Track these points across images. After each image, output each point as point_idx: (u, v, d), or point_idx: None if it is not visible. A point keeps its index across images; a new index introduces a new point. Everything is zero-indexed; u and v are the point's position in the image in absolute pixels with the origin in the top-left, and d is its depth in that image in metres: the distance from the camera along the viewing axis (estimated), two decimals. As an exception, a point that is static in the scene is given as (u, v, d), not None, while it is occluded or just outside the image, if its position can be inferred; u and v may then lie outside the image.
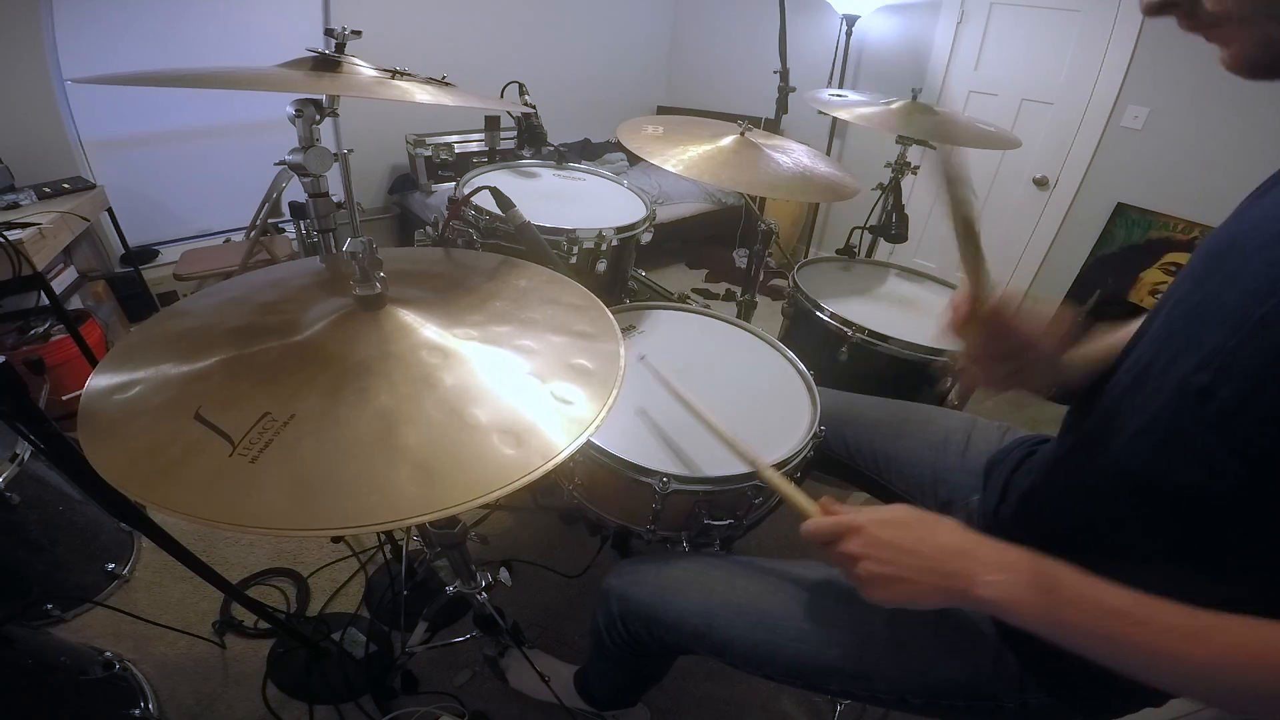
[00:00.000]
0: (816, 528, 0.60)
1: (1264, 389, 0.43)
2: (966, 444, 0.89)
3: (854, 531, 0.57)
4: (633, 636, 0.85)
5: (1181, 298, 0.54)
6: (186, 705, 1.18)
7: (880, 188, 1.72)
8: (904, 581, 0.54)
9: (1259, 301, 0.43)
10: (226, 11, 2.34)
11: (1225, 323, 0.46)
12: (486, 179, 1.30)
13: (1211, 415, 0.46)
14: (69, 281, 2.02)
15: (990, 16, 2.55)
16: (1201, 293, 0.51)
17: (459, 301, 0.66)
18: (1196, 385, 0.47)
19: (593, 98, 3.56)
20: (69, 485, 1.28)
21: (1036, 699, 0.63)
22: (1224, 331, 0.46)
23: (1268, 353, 0.42)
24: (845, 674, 0.71)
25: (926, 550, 0.54)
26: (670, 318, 1.22)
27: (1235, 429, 0.44)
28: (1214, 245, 0.53)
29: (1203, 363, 0.47)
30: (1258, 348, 0.43)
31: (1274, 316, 0.42)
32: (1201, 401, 0.46)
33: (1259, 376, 0.43)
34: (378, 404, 0.50)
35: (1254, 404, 0.43)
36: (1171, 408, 0.49)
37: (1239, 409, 0.44)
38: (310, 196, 1.04)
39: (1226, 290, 0.48)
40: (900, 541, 0.55)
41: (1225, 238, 0.52)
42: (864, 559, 0.55)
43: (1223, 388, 0.45)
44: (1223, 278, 0.49)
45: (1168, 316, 0.55)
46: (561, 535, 1.57)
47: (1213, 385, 0.46)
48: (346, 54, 0.95)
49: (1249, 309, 0.44)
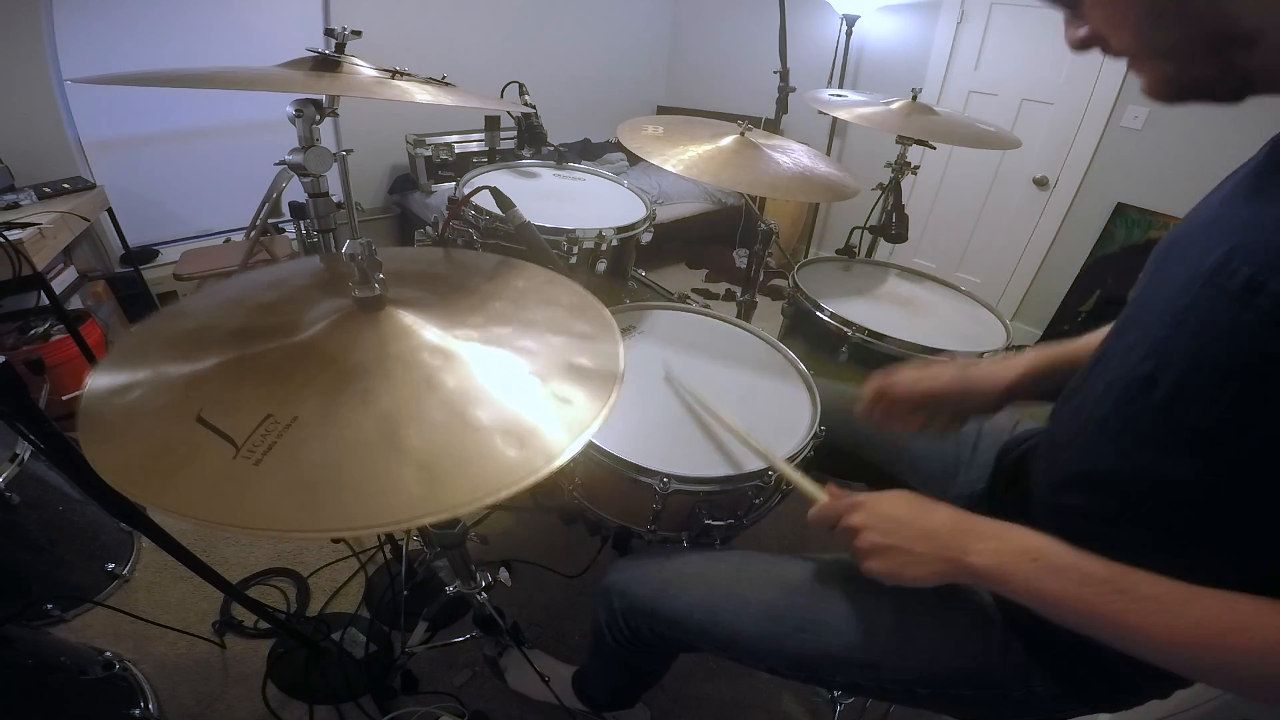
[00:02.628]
0: (823, 509, 0.65)
1: (1195, 375, 0.45)
2: (978, 437, 0.90)
3: (854, 507, 0.62)
4: (634, 633, 0.85)
5: (1137, 294, 0.58)
6: (186, 705, 1.18)
7: (880, 188, 1.71)
8: (900, 551, 0.57)
9: (1185, 291, 0.46)
10: (226, 12, 2.33)
11: (1164, 314, 0.49)
12: (486, 179, 1.30)
13: (1157, 402, 0.48)
14: (69, 281, 2.02)
15: (990, 16, 2.55)
16: (1149, 288, 0.55)
17: (459, 303, 0.66)
18: (1141, 374, 0.50)
19: (593, 98, 3.55)
20: (69, 485, 1.28)
21: (1043, 687, 0.63)
22: (1163, 322, 0.48)
23: (1193, 341, 0.45)
24: (851, 664, 0.71)
25: (922, 522, 0.58)
26: (670, 318, 1.22)
27: (1177, 415, 0.47)
28: (1163, 243, 0.57)
29: (1146, 353, 0.50)
30: (1185, 335, 0.46)
31: (1198, 303, 0.45)
32: (1146, 390, 0.49)
33: (1189, 362, 0.45)
34: (380, 406, 0.50)
35: (1188, 389, 0.46)
36: (1125, 398, 0.52)
37: (1177, 395, 0.46)
38: (310, 196, 1.04)
39: (1166, 284, 0.51)
40: (897, 513, 0.60)
41: (1171, 235, 0.56)
42: (864, 529, 0.60)
43: (1163, 375, 0.47)
44: (1166, 271, 0.53)
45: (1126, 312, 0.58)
46: (561, 535, 1.57)
47: (1154, 373, 0.48)
48: (346, 54, 0.95)
49: (1178, 300, 0.47)
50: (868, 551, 0.59)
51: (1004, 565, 0.52)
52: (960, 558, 0.54)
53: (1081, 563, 0.50)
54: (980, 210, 2.85)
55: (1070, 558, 0.50)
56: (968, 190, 2.85)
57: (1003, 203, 2.76)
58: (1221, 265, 0.44)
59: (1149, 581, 0.46)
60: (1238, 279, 0.42)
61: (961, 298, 1.48)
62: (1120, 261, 2.46)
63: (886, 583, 0.59)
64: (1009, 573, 0.52)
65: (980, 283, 2.87)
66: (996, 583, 0.53)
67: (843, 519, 0.62)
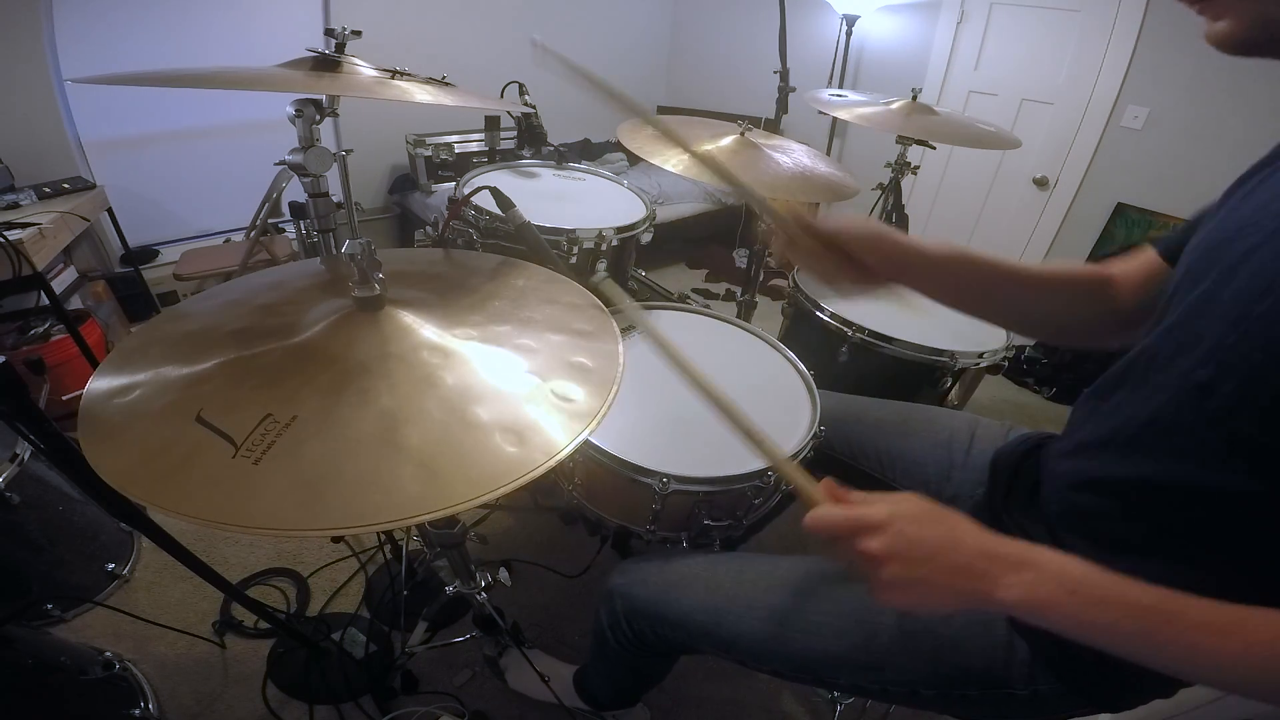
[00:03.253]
0: (828, 520, 0.52)
1: (1262, 385, 0.43)
2: (971, 441, 0.89)
3: (874, 529, 0.50)
4: (637, 635, 0.85)
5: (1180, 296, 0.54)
6: (186, 705, 1.18)
7: (880, 188, 1.72)
8: (925, 585, 0.49)
9: (1257, 299, 0.44)
10: (226, 12, 2.34)
11: (1224, 319, 0.46)
12: (486, 179, 1.30)
13: (1212, 411, 0.46)
14: (69, 281, 2.02)
15: (990, 16, 2.55)
16: (1199, 288, 0.51)
17: (458, 302, 0.66)
18: (1197, 380, 0.47)
19: (593, 98, 3.54)
20: (69, 485, 1.28)
21: (1048, 686, 0.63)
22: (1223, 328, 0.46)
23: (1266, 349, 0.43)
24: (855, 666, 0.70)
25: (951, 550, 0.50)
26: (670, 318, 1.22)
27: (1235, 425, 0.45)
28: (1208, 240, 0.54)
29: (1204, 358, 0.47)
30: (1256, 344, 0.43)
31: (1272, 314, 0.43)
32: (1203, 397, 0.47)
33: (1257, 373, 0.43)
34: (379, 404, 0.50)
35: (1253, 400, 0.44)
36: (1174, 403, 0.50)
37: (1238, 404, 0.44)
38: (310, 196, 1.04)
39: (1223, 287, 0.48)
40: (926, 540, 0.50)
41: (1220, 233, 0.52)
42: (888, 559, 0.49)
43: (1223, 383, 0.45)
44: (1219, 274, 0.49)
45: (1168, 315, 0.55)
46: (561, 535, 1.57)
47: (1213, 381, 0.46)
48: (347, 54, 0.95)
49: (1248, 306, 0.44)
50: (889, 584, 0.50)
51: (1039, 598, 0.47)
52: (991, 591, 0.48)
53: (1125, 591, 0.45)
54: (980, 210, 2.85)
55: (1112, 586, 0.46)
56: (968, 190, 2.85)
57: (1003, 203, 2.76)
58: None
59: (1196, 606, 0.43)
60: None
61: (961, 298, 1.48)
62: (1120, 261, 2.45)
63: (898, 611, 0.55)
64: (1046, 606, 0.47)
65: (980, 283, 2.86)
66: (1032, 616, 0.47)
67: (859, 540, 0.50)
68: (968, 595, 0.49)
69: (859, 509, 0.52)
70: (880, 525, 0.50)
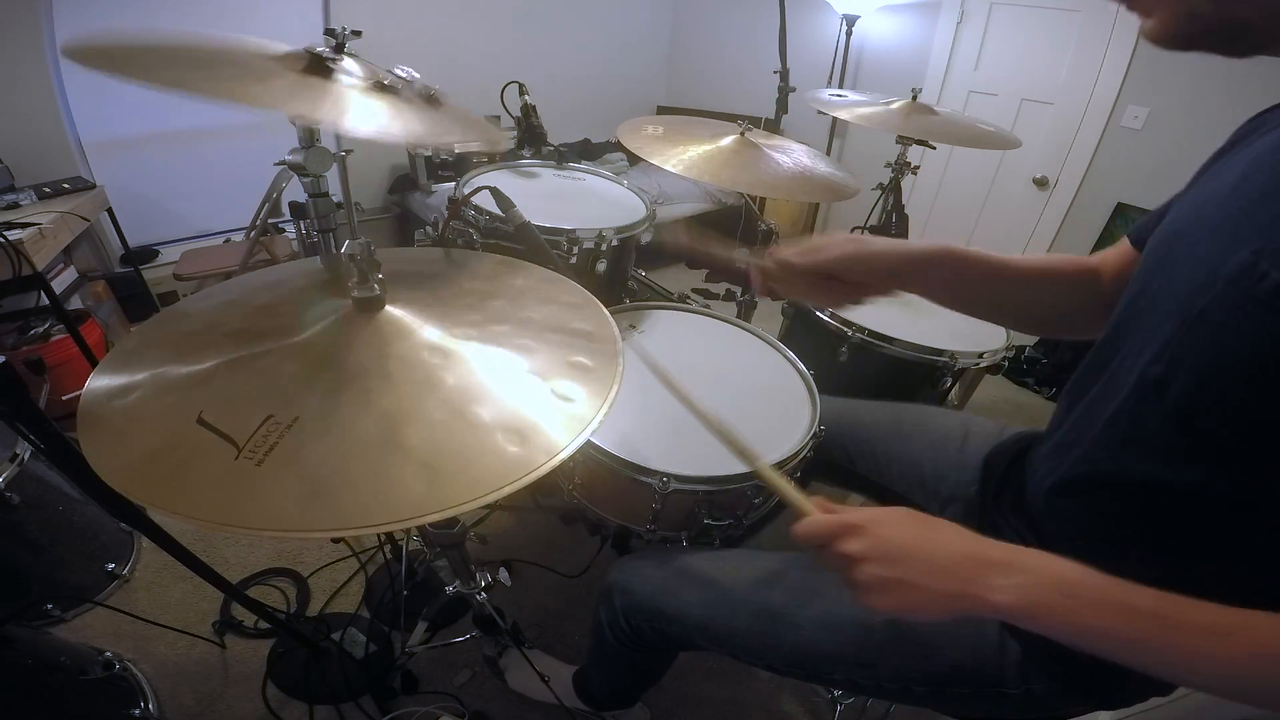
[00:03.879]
0: (812, 527, 0.54)
1: (1211, 381, 0.43)
2: (964, 440, 0.89)
3: (853, 531, 0.52)
4: (635, 631, 0.85)
5: (1138, 290, 0.55)
6: (186, 705, 1.18)
7: (880, 188, 1.72)
8: (909, 587, 0.49)
9: (1201, 293, 0.44)
10: (226, 12, 2.34)
11: (1174, 314, 0.46)
12: (486, 179, 1.29)
13: (1169, 408, 0.46)
14: (69, 281, 2.02)
15: (990, 16, 2.55)
16: (1153, 285, 0.52)
17: (458, 302, 0.66)
18: (1152, 377, 0.47)
19: (593, 98, 3.55)
20: (69, 485, 1.28)
21: (1040, 685, 0.63)
22: (1172, 324, 0.46)
23: (1211, 345, 0.43)
24: (848, 663, 0.70)
25: (934, 552, 0.50)
26: (670, 318, 1.22)
27: (1193, 421, 0.45)
28: (1164, 231, 0.54)
29: (1157, 354, 0.47)
30: (1202, 339, 0.44)
31: (1214, 309, 0.43)
32: (1159, 394, 0.47)
33: (1205, 368, 0.43)
34: (380, 405, 0.50)
35: (1207, 397, 0.44)
36: (1133, 399, 0.50)
37: (1194, 401, 0.45)
38: (310, 196, 1.04)
39: (1173, 281, 0.48)
40: (904, 541, 0.51)
41: (1173, 224, 0.53)
42: (865, 561, 0.50)
43: (1176, 380, 0.45)
44: (1170, 269, 0.50)
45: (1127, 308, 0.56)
46: (561, 535, 1.57)
47: (1166, 377, 0.46)
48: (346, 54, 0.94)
49: (1193, 301, 0.44)
50: (868, 585, 0.50)
51: (1034, 602, 0.46)
52: (982, 595, 0.47)
53: (1124, 595, 0.44)
54: (980, 210, 2.85)
55: (1110, 590, 0.45)
56: (968, 190, 2.85)
57: (1003, 203, 2.76)
58: (1248, 268, 0.41)
59: (1197, 610, 0.42)
60: (1267, 284, 0.39)
61: (961, 298, 1.48)
62: (1120, 261, 2.46)
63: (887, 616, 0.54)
64: (1041, 610, 0.46)
65: (980, 283, 2.87)
66: (1025, 621, 0.46)
67: (836, 542, 0.52)
68: (956, 599, 0.48)
69: (841, 515, 0.54)
70: (858, 528, 0.52)
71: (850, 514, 0.54)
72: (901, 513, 0.54)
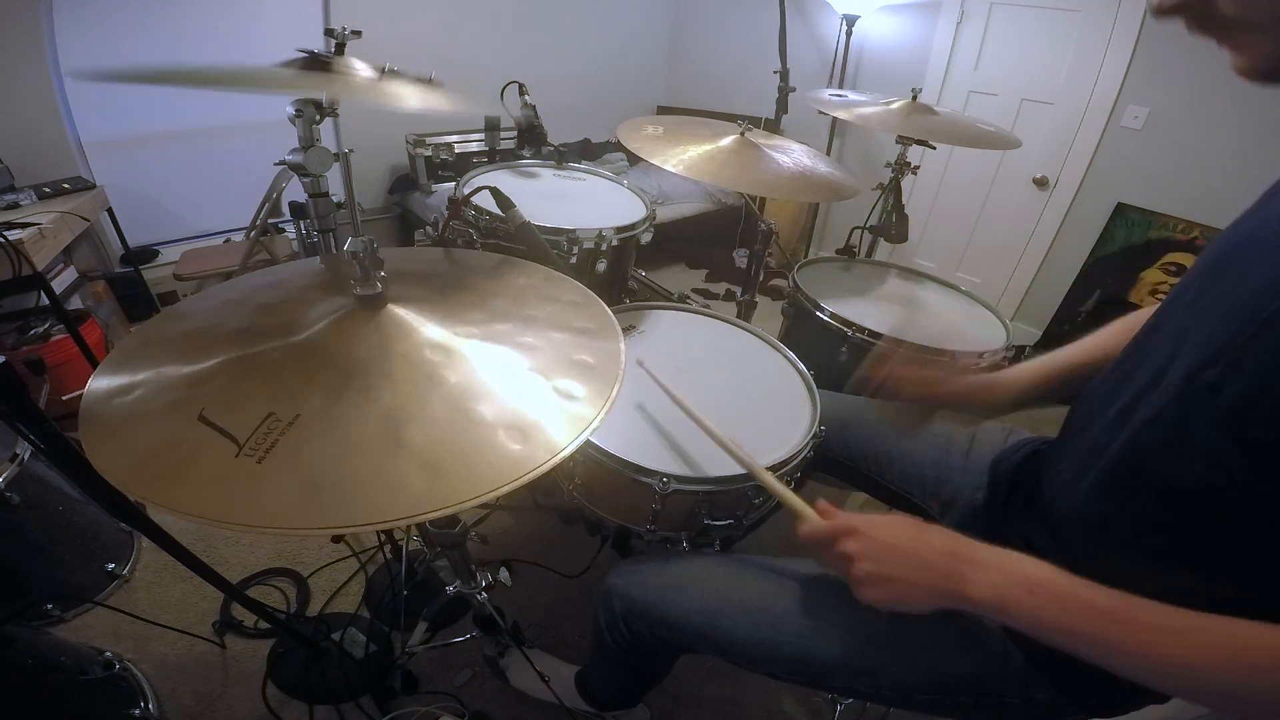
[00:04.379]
0: (814, 530, 0.62)
1: (1272, 386, 0.42)
2: (970, 444, 0.89)
3: (849, 532, 0.59)
4: (635, 636, 0.85)
5: (1194, 295, 0.54)
6: (186, 705, 1.18)
7: (880, 188, 1.71)
8: (897, 581, 0.56)
9: (1268, 299, 0.43)
10: (226, 12, 2.33)
11: (1235, 319, 0.46)
12: (486, 179, 1.29)
13: (1220, 412, 0.45)
14: (69, 281, 2.02)
15: (990, 16, 2.55)
16: (1212, 290, 0.51)
17: (460, 300, 0.66)
18: (1205, 381, 0.47)
19: (593, 98, 3.55)
20: (69, 485, 1.28)
21: (1042, 694, 0.63)
22: (1233, 328, 0.46)
23: (1274, 350, 0.42)
24: (850, 671, 0.70)
25: (920, 550, 0.57)
26: (670, 318, 1.22)
27: (1243, 426, 0.44)
28: (1226, 243, 0.54)
29: (1212, 358, 0.47)
30: (1266, 344, 0.43)
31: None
32: (1210, 397, 0.46)
33: (1267, 373, 0.43)
34: (382, 403, 0.50)
35: (1262, 401, 0.43)
36: (1179, 404, 0.49)
37: (1247, 405, 0.44)
38: (310, 196, 1.04)
39: (1238, 287, 0.48)
40: (893, 541, 0.58)
41: (1237, 236, 0.52)
42: (859, 558, 0.57)
43: (1231, 384, 0.45)
44: (1234, 275, 0.49)
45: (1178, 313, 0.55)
46: (561, 535, 1.57)
47: (1221, 381, 0.45)
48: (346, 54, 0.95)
49: (1259, 305, 0.44)
50: (863, 580, 0.58)
51: (1004, 596, 0.52)
52: (959, 589, 0.54)
53: (1082, 592, 0.49)
54: (980, 210, 2.85)
55: (1071, 588, 0.50)
56: (968, 190, 2.85)
57: (1003, 203, 2.76)
58: None
59: (1151, 610, 0.46)
60: None
61: (962, 298, 1.48)
62: (1120, 261, 2.45)
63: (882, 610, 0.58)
64: (1009, 604, 0.51)
65: (980, 283, 2.87)
66: (997, 613, 0.52)
67: (836, 543, 0.59)
68: (940, 592, 0.55)
69: (841, 519, 0.61)
70: (855, 530, 0.59)
71: (849, 518, 0.61)
72: (894, 516, 0.61)
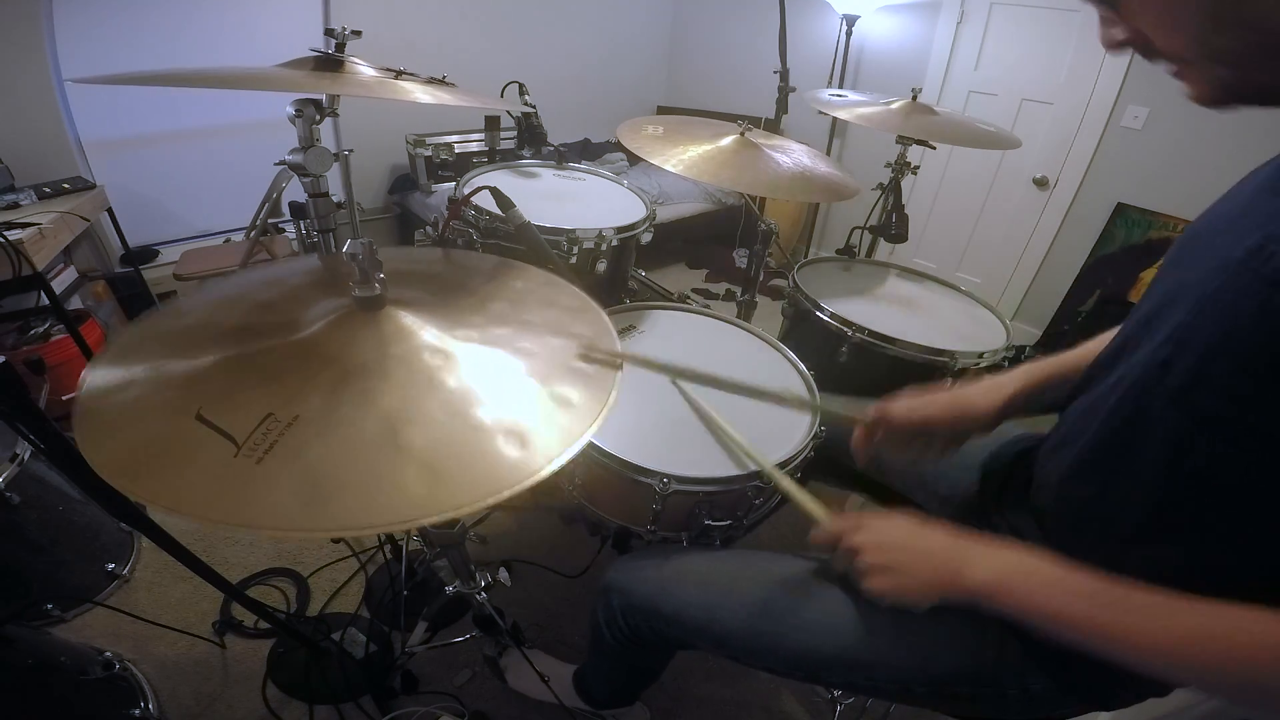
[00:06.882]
0: (827, 531, 0.67)
1: (1214, 361, 0.45)
2: None
3: (858, 528, 0.64)
4: (633, 631, 0.85)
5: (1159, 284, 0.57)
6: (186, 705, 1.18)
7: (880, 188, 1.71)
8: (899, 572, 0.60)
9: (1213, 278, 0.46)
10: (226, 12, 2.34)
11: (1187, 301, 0.48)
12: (486, 179, 1.30)
13: (1171, 388, 0.48)
14: (69, 281, 2.02)
15: (990, 16, 2.55)
16: (1173, 278, 0.54)
17: (458, 303, 0.66)
18: (1159, 359, 0.49)
19: (593, 98, 3.55)
20: (69, 485, 1.28)
21: (1039, 685, 0.63)
22: (1185, 309, 0.48)
23: (1218, 325, 0.45)
24: (848, 664, 0.71)
25: (920, 544, 0.61)
26: (670, 318, 1.22)
27: (1196, 400, 0.46)
28: (1185, 237, 0.57)
29: (1165, 339, 0.49)
30: (1209, 320, 0.45)
31: (1224, 290, 0.45)
32: (1161, 375, 0.49)
33: (1210, 349, 0.45)
34: (381, 405, 0.50)
35: (1206, 376, 0.45)
36: (1139, 384, 0.52)
37: (1194, 381, 0.46)
38: (310, 196, 1.04)
39: (1191, 272, 0.50)
40: (896, 535, 0.62)
41: (1199, 225, 0.56)
42: (865, 550, 0.62)
43: (1179, 360, 0.47)
44: (1190, 262, 0.52)
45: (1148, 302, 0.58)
46: (561, 535, 1.57)
47: (1171, 358, 0.48)
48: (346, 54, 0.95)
49: (1205, 284, 0.46)
50: (868, 571, 0.61)
51: (1000, 582, 0.54)
52: (957, 577, 0.57)
53: (1071, 576, 0.51)
54: (980, 210, 2.85)
55: (1060, 572, 0.52)
56: (968, 190, 2.85)
57: (1003, 203, 2.76)
58: (1256, 250, 0.43)
59: (1138, 593, 0.47)
60: (1273, 263, 0.41)
61: (961, 298, 1.48)
62: (1120, 261, 2.45)
63: (887, 601, 0.60)
64: (1004, 590, 0.54)
65: (980, 283, 2.87)
66: (992, 599, 0.54)
67: (844, 539, 0.64)
68: (939, 581, 0.58)
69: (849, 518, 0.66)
70: (860, 526, 0.64)
71: (857, 516, 0.66)
72: (897, 516, 0.65)
